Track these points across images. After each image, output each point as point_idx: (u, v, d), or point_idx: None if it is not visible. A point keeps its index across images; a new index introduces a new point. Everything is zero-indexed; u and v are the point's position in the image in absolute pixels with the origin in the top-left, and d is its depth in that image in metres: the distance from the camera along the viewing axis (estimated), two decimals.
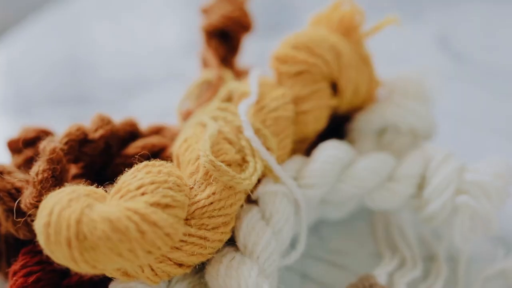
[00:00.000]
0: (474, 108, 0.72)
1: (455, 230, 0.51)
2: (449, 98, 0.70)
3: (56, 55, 0.84)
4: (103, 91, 0.77)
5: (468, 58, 0.79)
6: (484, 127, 0.69)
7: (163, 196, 0.42)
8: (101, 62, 0.82)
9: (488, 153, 0.57)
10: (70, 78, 0.81)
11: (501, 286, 0.53)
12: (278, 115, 0.51)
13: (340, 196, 0.52)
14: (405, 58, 0.73)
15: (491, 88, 0.74)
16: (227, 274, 0.44)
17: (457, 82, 0.76)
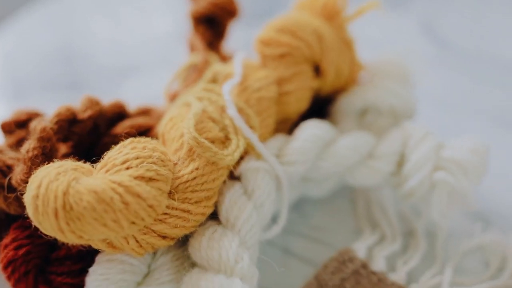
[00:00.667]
0: (457, 92, 0.74)
1: (433, 206, 0.53)
2: (433, 83, 0.72)
3: (50, 44, 0.86)
4: (96, 78, 0.79)
5: (452, 44, 0.81)
6: (466, 111, 0.71)
7: (147, 170, 0.44)
8: (94, 51, 0.83)
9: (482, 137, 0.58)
10: (63, 66, 0.82)
11: (479, 260, 0.54)
12: (261, 96, 0.53)
13: (321, 173, 0.54)
14: (390, 44, 0.74)
15: (474, 74, 0.76)
16: (209, 246, 0.46)
17: (441, 67, 0.78)
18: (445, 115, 0.71)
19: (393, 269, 0.53)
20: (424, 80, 0.69)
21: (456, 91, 0.74)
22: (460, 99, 0.73)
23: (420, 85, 0.66)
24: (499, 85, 0.74)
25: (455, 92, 0.74)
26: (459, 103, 0.72)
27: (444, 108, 0.71)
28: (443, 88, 0.74)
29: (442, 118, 0.70)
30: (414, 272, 0.53)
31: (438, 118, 0.70)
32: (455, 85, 0.75)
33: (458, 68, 0.77)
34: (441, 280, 0.52)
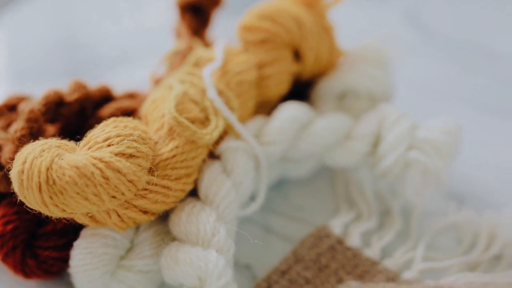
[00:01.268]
0: (441, 79, 0.76)
1: (407, 185, 0.55)
2: (417, 70, 0.75)
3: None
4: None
5: (436, 33, 0.83)
6: (449, 97, 0.73)
7: (127, 147, 0.46)
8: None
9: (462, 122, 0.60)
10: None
11: (452, 238, 0.56)
12: (241, 79, 0.55)
13: (299, 153, 0.56)
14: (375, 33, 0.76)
15: (457, 61, 0.78)
16: (188, 220, 0.48)
17: (425, 55, 0.80)
18: (429, 100, 0.73)
19: (368, 245, 0.55)
20: (409, 67, 0.71)
21: (440, 78, 0.76)
22: (443, 85, 0.75)
23: (404, 71, 0.68)
24: (481, 72, 0.76)
25: (438, 78, 0.76)
26: (442, 89, 0.74)
27: (427, 94, 0.74)
28: (427, 75, 0.77)
29: (425, 103, 0.72)
30: (389, 248, 0.55)
31: (422, 103, 0.72)
32: (438, 72, 0.77)
33: (441, 56, 0.80)
34: (413, 256, 0.54)
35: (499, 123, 0.69)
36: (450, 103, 0.72)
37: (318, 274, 0.52)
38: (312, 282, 0.51)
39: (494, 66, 0.77)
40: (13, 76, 0.82)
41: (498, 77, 0.75)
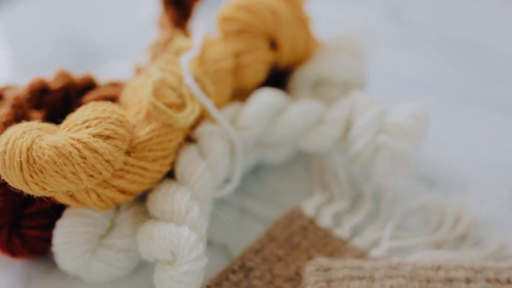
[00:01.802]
0: (419, 70, 0.79)
1: (377, 168, 0.57)
2: (397, 62, 0.77)
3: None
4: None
5: (414, 26, 0.86)
6: (427, 87, 0.76)
7: (104, 129, 0.48)
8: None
9: (437, 110, 0.64)
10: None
11: (420, 219, 0.59)
12: (218, 67, 0.58)
13: (274, 138, 0.58)
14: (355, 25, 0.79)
15: (434, 53, 0.81)
16: (163, 199, 0.50)
17: (405, 48, 0.82)
18: (406, 90, 0.76)
19: (338, 225, 0.57)
20: (388, 59, 0.74)
21: (417, 69, 0.79)
22: (421, 76, 0.78)
23: (384, 63, 0.71)
24: (457, 63, 0.79)
25: (416, 69, 0.79)
26: (419, 80, 0.77)
27: (406, 85, 0.76)
28: (406, 66, 0.79)
29: (403, 93, 0.75)
30: (359, 228, 0.57)
31: (400, 93, 0.75)
32: (416, 64, 0.80)
33: (420, 48, 0.82)
34: (382, 235, 0.56)
35: (470, 111, 0.71)
36: (427, 92, 0.74)
37: (290, 252, 0.54)
38: (284, 260, 0.54)
39: (471, 57, 0.80)
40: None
41: (473, 68, 0.78)
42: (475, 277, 0.51)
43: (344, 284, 0.50)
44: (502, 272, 0.51)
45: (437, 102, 0.73)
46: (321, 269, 0.51)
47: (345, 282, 0.50)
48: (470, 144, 0.67)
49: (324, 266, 0.51)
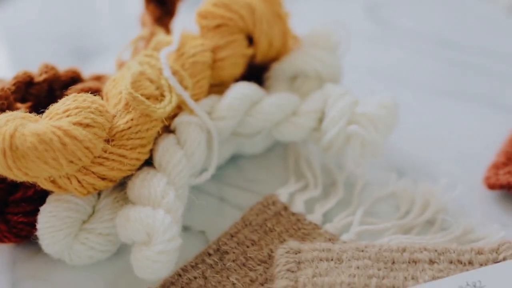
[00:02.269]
0: (396, 65, 0.82)
1: (348, 156, 0.60)
2: (375, 57, 0.80)
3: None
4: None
5: (391, 24, 0.89)
6: (404, 80, 0.79)
7: (84, 117, 0.51)
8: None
9: (403, 101, 0.66)
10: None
11: (391, 205, 0.61)
12: (195, 60, 0.60)
13: (249, 128, 0.61)
14: None
15: (410, 49, 0.84)
16: (141, 185, 0.53)
17: (383, 45, 0.86)
18: (384, 83, 0.79)
19: (311, 212, 0.60)
20: (367, 54, 0.78)
21: (394, 64, 0.82)
22: (399, 70, 0.81)
23: (363, 58, 0.75)
24: (432, 58, 0.82)
25: (393, 64, 0.82)
26: (398, 74, 0.81)
27: (383, 78, 0.80)
28: (383, 61, 0.83)
29: (380, 86, 0.78)
30: (331, 214, 0.60)
31: (377, 86, 0.78)
32: (393, 59, 0.83)
33: (396, 44, 0.85)
34: (352, 220, 0.59)
35: (443, 104, 0.74)
36: (401, 85, 0.78)
37: (263, 237, 0.57)
38: (257, 244, 0.56)
39: (444, 53, 0.83)
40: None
41: (446, 63, 0.81)
42: (438, 259, 0.53)
43: (313, 265, 0.52)
44: (464, 254, 0.54)
45: (412, 95, 0.76)
46: (292, 251, 0.53)
47: (314, 263, 0.52)
48: (441, 135, 0.70)
49: (295, 249, 0.53)
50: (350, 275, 0.52)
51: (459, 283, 0.52)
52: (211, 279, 0.54)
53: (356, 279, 0.51)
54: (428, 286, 0.51)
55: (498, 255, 0.54)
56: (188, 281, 0.53)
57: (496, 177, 0.61)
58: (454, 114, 0.73)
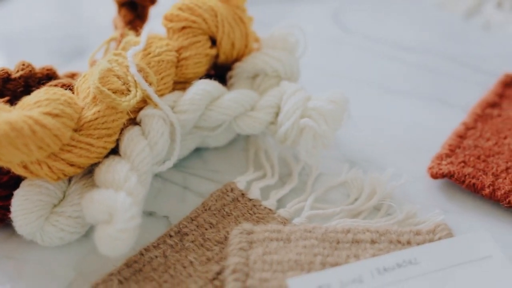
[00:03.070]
0: (355, 66, 0.88)
1: (301, 148, 0.65)
2: (338, 59, 0.86)
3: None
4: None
5: (354, 30, 0.95)
6: (364, 81, 0.84)
7: (54, 108, 0.56)
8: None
9: (359, 99, 0.73)
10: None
11: (342, 193, 0.66)
12: (160, 59, 0.65)
13: (210, 121, 0.66)
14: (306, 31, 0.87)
15: (369, 52, 0.90)
16: (106, 170, 0.58)
17: (346, 48, 0.91)
18: (345, 83, 0.84)
19: (266, 198, 0.65)
20: (331, 57, 0.83)
21: (355, 65, 0.87)
22: (357, 71, 0.87)
23: (327, 60, 0.80)
24: (388, 60, 0.88)
25: (354, 66, 0.87)
26: (356, 74, 0.86)
27: (345, 78, 0.85)
28: (346, 63, 0.88)
29: (342, 86, 0.82)
30: (285, 201, 0.64)
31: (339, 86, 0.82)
32: (354, 61, 0.88)
33: (358, 48, 0.91)
34: (304, 205, 0.63)
35: (395, 101, 0.80)
36: (359, 84, 0.83)
37: (221, 220, 0.62)
38: (215, 227, 0.61)
39: (399, 55, 0.88)
40: None
41: (401, 65, 0.87)
42: (379, 239, 0.58)
43: (264, 244, 0.57)
44: (403, 235, 0.59)
45: (367, 93, 0.82)
46: (245, 232, 0.58)
47: (265, 243, 0.57)
48: (392, 130, 0.75)
49: (248, 230, 0.58)
50: (297, 253, 0.56)
51: (396, 260, 0.56)
52: (171, 258, 0.58)
53: (303, 257, 0.56)
54: (368, 262, 0.56)
55: (434, 236, 0.59)
56: (149, 259, 0.58)
57: (438, 167, 0.66)
58: (405, 111, 0.78)
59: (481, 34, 0.94)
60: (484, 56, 0.88)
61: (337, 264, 0.56)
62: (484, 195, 0.64)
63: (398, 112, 0.78)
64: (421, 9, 1.00)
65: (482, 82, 0.82)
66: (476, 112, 0.74)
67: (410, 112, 0.78)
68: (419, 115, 0.77)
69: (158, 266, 0.58)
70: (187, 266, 0.58)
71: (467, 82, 0.84)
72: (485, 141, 0.69)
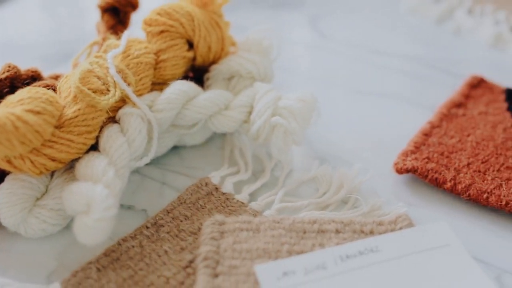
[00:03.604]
0: (332, 70, 0.91)
1: (273, 144, 0.69)
2: (315, 63, 0.90)
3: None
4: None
5: (330, 35, 1.00)
6: (337, 83, 0.88)
7: (35, 106, 0.59)
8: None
9: (332, 99, 0.78)
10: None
11: (312, 188, 0.69)
12: (139, 61, 0.69)
13: (186, 120, 0.69)
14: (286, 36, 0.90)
15: (344, 57, 0.94)
16: (85, 165, 0.61)
17: (322, 52, 0.95)
18: (321, 85, 0.88)
19: (239, 192, 0.68)
20: (309, 61, 0.87)
21: (330, 69, 0.91)
22: (335, 74, 0.90)
23: (305, 64, 0.83)
24: (362, 63, 0.92)
25: (329, 69, 0.91)
26: (334, 77, 0.90)
27: (320, 80, 0.89)
28: (322, 67, 0.92)
29: (318, 87, 0.87)
30: (257, 195, 0.68)
31: (315, 87, 0.87)
32: (329, 65, 0.92)
33: (333, 53, 0.95)
34: (274, 199, 0.67)
35: (367, 101, 0.84)
36: (333, 86, 0.87)
37: (195, 213, 0.65)
38: (190, 219, 0.65)
39: (373, 59, 0.92)
40: None
41: (374, 67, 0.91)
42: (343, 229, 0.62)
43: (234, 234, 0.61)
44: (366, 225, 0.62)
45: (340, 94, 0.86)
46: (217, 223, 0.61)
47: (235, 233, 0.61)
48: (363, 128, 0.78)
49: (219, 221, 0.62)
50: (265, 242, 0.60)
51: (359, 248, 0.60)
52: (147, 247, 0.62)
53: (270, 246, 0.60)
54: (332, 250, 0.59)
55: (395, 226, 0.62)
56: (126, 249, 0.61)
57: (403, 163, 0.70)
58: (376, 111, 0.82)
59: (452, 38, 0.98)
60: (454, 59, 0.92)
61: (303, 252, 0.59)
62: (446, 189, 0.68)
63: (369, 112, 0.82)
64: (395, 15, 1.04)
65: (452, 84, 0.86)
66: (442, 111, 0.77)
67: (381, 112, 0.82)
68: (389, 115, 0.81)
69: (134, 255, 0.61)
70: (162, 255, 0.61)
71: (437, 84, 0.88)
72: (449, 139, 0.73)
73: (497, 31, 0.97)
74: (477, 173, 0.68)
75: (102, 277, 0.59)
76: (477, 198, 0.66)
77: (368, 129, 0.79)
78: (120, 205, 0.66)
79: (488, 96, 0.81)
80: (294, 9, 1.05)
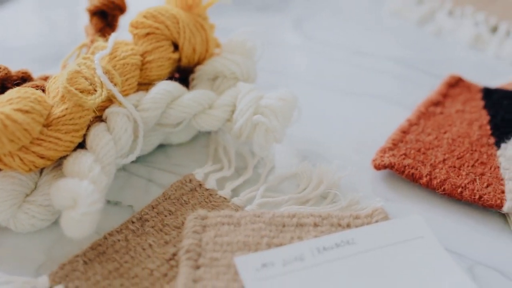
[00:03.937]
0: (317, 71, 0.94)
1: (254, 142, 0.71)
2: (300, 64, 0.93)
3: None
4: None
5: (314, 37, 1.02)
6: (322, 83, 0.91)
7: (24, 105, 0.62)
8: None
9: (320, 100, 0.81)
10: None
11: (293, 184, 0.72)
12: (125, 62, 0.71)
13: (171, 119, 0.72)
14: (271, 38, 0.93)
15: (329, 58, 0.96)
16: (73, 162, 0.64)
17: (307, 54, 0.98)
18: (308, 86, 0.90)
19: (222, 188, 0.71)
20: (295, 62, 0.90)
21: (315, 70, 0.94)
22: (319, 75, 0.93)
23: (291, 65, 0.86)
24: (344, 64, 0.94)
25: (314, 70, 0.94)
26: (317, 78, 0.92)
27: (304, 80, 0.92)
28: (306, 68, 0.95)
29: (302, 88, 0.90)
30: (239, 191, 0.70)
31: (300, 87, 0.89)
32: (314, 66, 0.95)
33: (318, 54, 0.97)
34: (256, 194, 0.69)
35: (348, 101, 0.86)
36: (317, 86, 0.90)
37: (180, 208, 0.68)
38: (174, 214, 0.67)
39: (355, 60, 0.95)
40: None
41: (356, 68, 0.94)
42: (321, 222, 0.64)
43: (216, 228, 0.63)
44: (344, 219, 0.65)
45: (323, 94, 0.88)
46: (199, 217, 0.64)
47: (217, 227, 0.63)
48: (343, 126, 0.81)
49: (202, 215, 0.64)
50: (245, 235, 0.62)
51: (335, 241, 0.62)
52: (132, 241, 0.64)
53: (250, 239, 0.62)
54: (309, 243, 0.62)
55: (371, 219, 0.65)
56: (112, 243, 0.64)
57: (381, 159, 0.72)
58: (357, 110, 0.85)
59: (432, 40, 1.01)
60: (435, 60, 0.95)
61: (282, 245, 0.62)
62: (422, 184, 0.70)
63: (351, 112, 0.84)
64: (378, 17, 1.07)
65: (432, 84, 0.89)
66: (420, 110, 0.80)
67: (363, 112, 0.84)
68: (370, 114, 0.84)
69: (120, 248, 0.63)
70: (146, 248, 0.63)
71: (418, 84, 0.90)
72: (426, 136, 0.76)
73: (476, 32, 1.00)
74: (452, 168, 0.71)
75: (88, 270, 0.61)
76: (451, 192, 0.69)
77: (350, 127, 0.81)
78: (107, 201, 0.69)
79: (466, 94, 0.84)
80: (278, 12, 1.08)
